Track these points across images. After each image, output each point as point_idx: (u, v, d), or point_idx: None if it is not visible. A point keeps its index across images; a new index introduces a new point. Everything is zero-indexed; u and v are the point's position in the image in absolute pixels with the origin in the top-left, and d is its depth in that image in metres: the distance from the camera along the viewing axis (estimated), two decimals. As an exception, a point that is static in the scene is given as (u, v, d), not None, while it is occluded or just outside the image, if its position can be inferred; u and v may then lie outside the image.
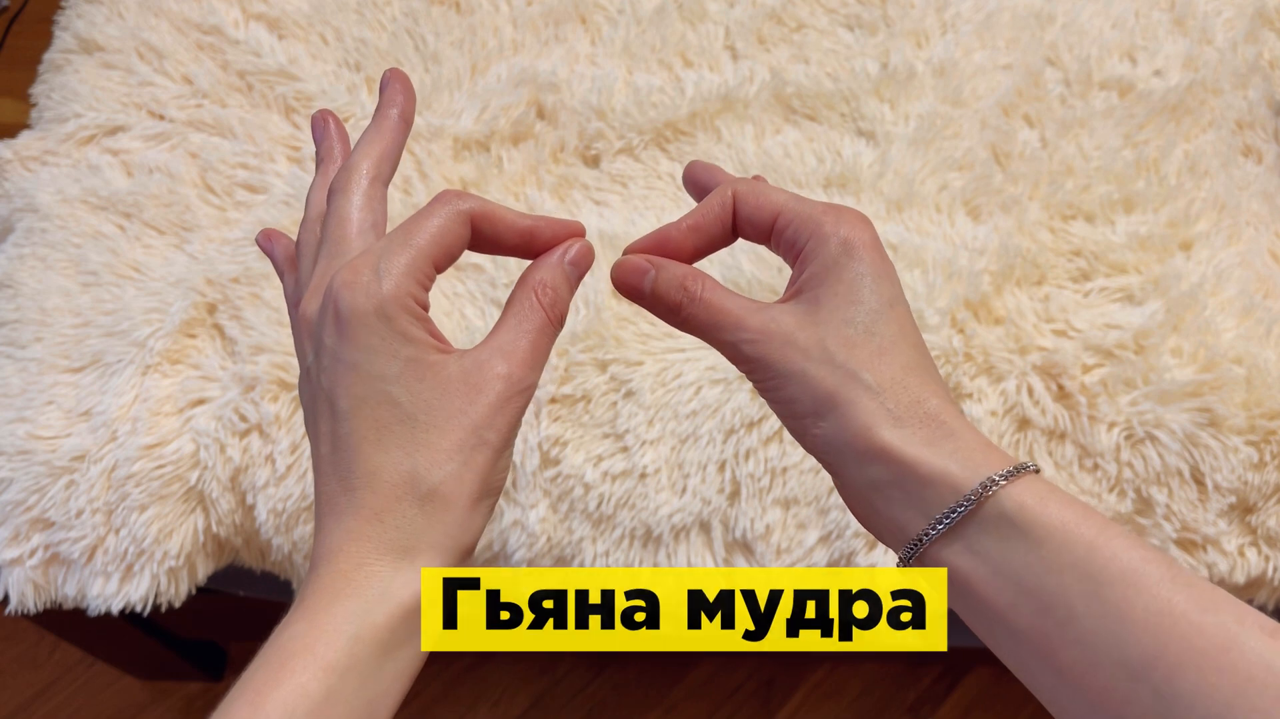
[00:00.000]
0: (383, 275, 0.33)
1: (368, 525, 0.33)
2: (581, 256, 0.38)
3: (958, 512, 0.31)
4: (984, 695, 1.19)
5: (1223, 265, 0.79)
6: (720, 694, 1.21)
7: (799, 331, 0.35)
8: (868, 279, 0.35)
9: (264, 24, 0.95)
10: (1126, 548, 0.29)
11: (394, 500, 0.33)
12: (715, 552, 0.74)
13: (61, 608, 0.76)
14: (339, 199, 0.37)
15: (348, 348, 0.33)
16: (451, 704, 1.20)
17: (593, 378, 0.76)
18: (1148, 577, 0.29)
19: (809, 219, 0.36)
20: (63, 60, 0.95)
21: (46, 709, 1.19)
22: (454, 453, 0.33)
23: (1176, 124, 0.88)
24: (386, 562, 0.32)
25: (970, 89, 0.90)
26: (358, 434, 0.33)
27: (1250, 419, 0.71)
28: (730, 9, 0.97)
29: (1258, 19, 0.95)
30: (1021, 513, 0.31)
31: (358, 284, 0.33)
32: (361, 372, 0.33)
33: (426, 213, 0.35)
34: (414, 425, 0.33)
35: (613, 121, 0.89)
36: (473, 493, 0.34)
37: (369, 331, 0.33)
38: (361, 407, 0.33)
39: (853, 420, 0.33)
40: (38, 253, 0.83)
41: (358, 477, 0.33)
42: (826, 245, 0.35)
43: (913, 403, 0.33)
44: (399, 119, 0.40)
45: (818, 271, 0.35)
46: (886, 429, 0.33)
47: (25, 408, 0.76)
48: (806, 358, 0.34)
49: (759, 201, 0.37)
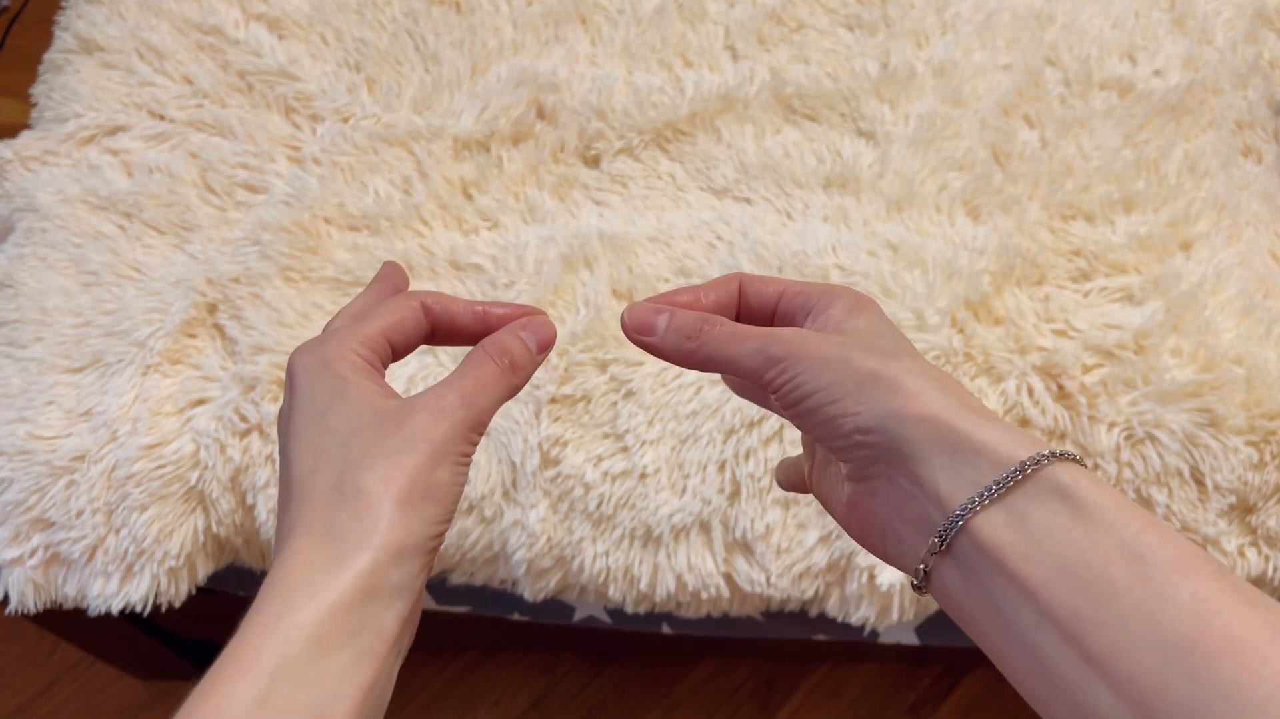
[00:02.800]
0: (326, 338, 0.37)
1: (300, 538, 0.33)
2: (538, 325, 0.39)
3: (1012, 478, 0.31)
4: (984, 696, 1.19)
5: (1222, 265, 0.79)
6: (720, 694, 1.21)
7: (827, 339, 0.36)
8: (882, 327, 0.37)
9: (264, 24, 0.95)
10: (1177, 539, 0.29)
11: (323, 509, 0.33)
12: (715, 552, 0.74)
13: (62, 608, 0.76)
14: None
15: (293, 398, 0.36)
16: (451, 704, 1.20)
17: (593, 378, 0.76)
18: (1196, 566, 0.28)
19: (817, 287, 0.38)
20: (63, 60, 0.95)
21: (47, 709, 1.19)
22: (381, 457, 0.34)
23: (1176, 124, 0.88)
24: (316, 564, 0.32)
25: (970, 89, 0.90)
26: (299, 462, 0.35)
27: (1250, 419, 0.71)
28: (730, 9, 0.97)
29: (1258, 19, 0.95)
30: (1075, 487, 0.30)
31: (304, 348, 0.37)
32: (301, 411, 0.35)
33: (373, 291, 0.40)
34: (348, 444, 0.34)
35: (613, 122, 0.89)
36: (401, 490, 0.33)
37: (310, 377, 0.36)
38: (301, 436, 0.35)
39: (900, 391, 0.33)
40: (38, 253, 0.83)
41: (294, 497, 0.34)
42: (838, 301, 0.37)
43: (953, 389, 0.34)
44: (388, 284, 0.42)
45: (832, 317, 0.37)
46: (936, 398, 0.33)
47: (26, 408, 0.76)
48: (843, 347, 0.35)
49: (763, 285, 0.39)
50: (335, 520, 0.33)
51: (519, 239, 0.83)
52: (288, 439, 0.36)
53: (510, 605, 0.85)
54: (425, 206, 0.85)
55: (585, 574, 0.75)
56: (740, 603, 0.77)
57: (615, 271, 0.81)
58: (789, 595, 0.75)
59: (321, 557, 0.32)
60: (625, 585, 0.75)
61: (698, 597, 0.76)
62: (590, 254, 0.81)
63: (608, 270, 0.80)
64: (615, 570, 0.74)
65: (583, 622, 0.87)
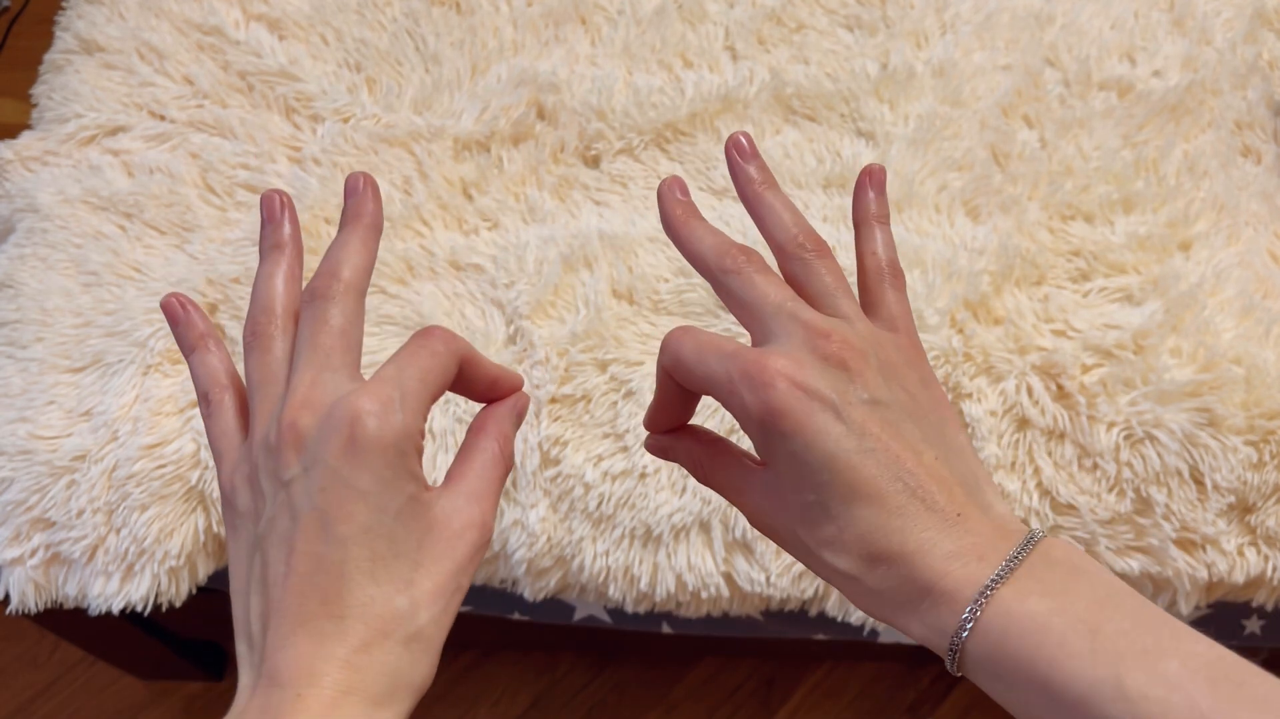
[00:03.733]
0: (400, 408, 0.33)
1: (356, 655, 0.32)
2: (525, 409, 0.41)
3: (951, 669, 0.33)
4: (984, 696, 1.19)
5: (1222, 265, 0.79)
6: (720, 694, 1.21)
7: (777, 521, 0.36)
8: (800, 452, 0.33)
9: (264, 24, 0.96)
10: (1073, 674, 0.30)
11: (382, 636, 0.33)
12: (715, 551, 0.74)
13: (62, 608, 0.77)
14: (325, 305, 0.36)
15: (361, 475, 0.33)
16: (451, 704, 1.20)
17: (593, 378, 0.76)
18: (1096, 703, 0.29)
19: (725, 402, 0.35)
20: (63, 61, 0.95)
21: (47, 709, 1.20)
22: (438, 596, 0.34)
23: (1176, 124, 0.88)
24: (370, 696, 0.32)
25: (970, 89, 0.90)
26: (351, 562, 0.33)
27: (1249, 419, 0.71)
28: (730, 9, 0.97)
29: (1257, 19, 0.95)
30: (985, 662, 0.32)
31: (381, 414, 0.33)
32: (370, 502, 0.33)
33: (429, 348, 0.36)
34: (407, 563, 0.34)
35: (613, 122, 0.89)
36: (443, 639, 0.35)
37: (384, 464, 0.33)
38: (362, 536, 0.33)
39: (851, 601, 0.35)
40: (38, 253, 0.83)
41: (350, 606, 0.33)
42: (749, 429, 0.35)
43: (886, 574, 0.33)
44: (372, 228, 0.39)
45: (760, 454, 0.36)
46: (876, 608, 0.34)
47: (26, 408, 0.76)
48: (795, 551, 0.36)
49: (686, 383, 0.36)
50: (394, 655, 0.33)
51: (519, 239, 0.83)
52: (341, 523, 0.33)
53: (510, 605, 0.85)
54: (425, 207, 0.85)
55: (585, 574, 0.75)
56: (740, 602, 0.77)
57: (615, 272, 0.81)
58: (789, 595, 0.75)
59: (376, 689, 0.32)
60: (625, 585, 0.75)
61: (698, 596, 0.76)
62: (590, 254, 0.81)
63: (608, 270, 0.80)
64: (615, 570, 0.74)
65: (583, 621, 0.87)
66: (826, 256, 0.38)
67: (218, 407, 0.38)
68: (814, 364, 0.34)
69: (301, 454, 0.34)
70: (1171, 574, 0.73)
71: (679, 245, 0.39)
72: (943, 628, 0.32)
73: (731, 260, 0.37)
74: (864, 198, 0.40)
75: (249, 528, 0.35)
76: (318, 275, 0.37)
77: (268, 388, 0.37)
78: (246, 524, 0.35)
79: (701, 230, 0.39)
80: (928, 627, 0.33)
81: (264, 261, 0.39)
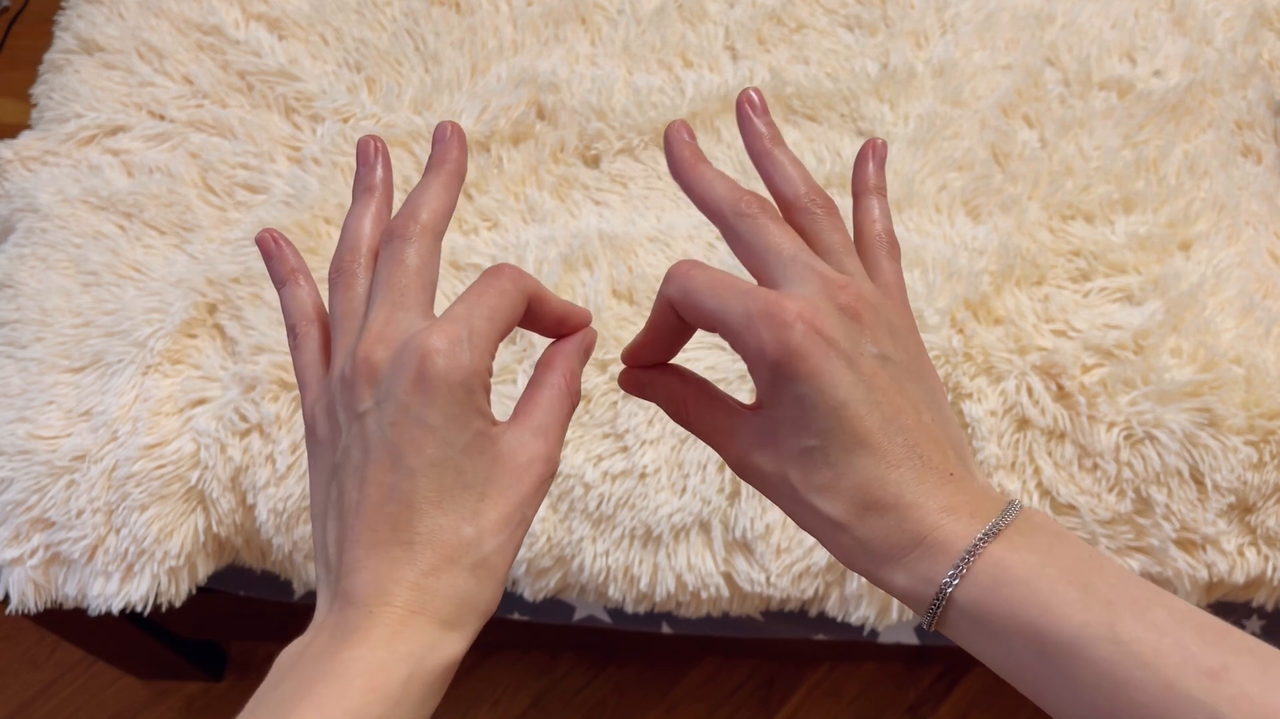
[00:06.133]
0: (469, 346, 0.35)
1: (425, 579, 0.34)
2: (593, 344, 0.41)
3: (930, 623, 0.33)
4: (984, 696, 1.20)
5: (1222, 265, 0.79)
6: (720, 694, 1.21)
7: (767, 464, 0.36)
8: (810, 397, 0.33)
9: (264, 24, 0.95)
10: (1068, 617, 0.31)
11: (449, 562, 0.34)
12: (715, 552, 0.74)
13: (62, 608, 0.77)
14: (403, 246, 0.37)
15: (429, 411, 0.34)
16: (451, 704, 1.20)
17: (593, 378, 0.76)
18: (1086, 644, 0.30)
19: (736, 339, 0.35)
20: (63, 60, 0.95)
21: (47, 709, 1.19)
22: (503, 526, 0.35)
23: (1176, 124, 0.88)
24: (439, 618, 0.34)
25: (970, 89, 0.90)
26: (421, 493, 0.34)
27: (1250, 419, 0.71)
28: (730, 9, 0.97)
29: (1257, 19, 0.95)
30: (974, 610, 0.32)
31: (447, 351, 0.34)
32: (437, 435, 0.34)
33: (497, 286, 0.36)
34: (473, 494, 0.35)
35: (613, 122, 0.89)
36: (509, 567, 0.36)
37: (452, 400, 0.34)
38: (430, 468, 0.34)
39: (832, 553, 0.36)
40: (38, 253, 0.83)
41: (419, 533, 0.34)
42: (758, 371, 0.34)
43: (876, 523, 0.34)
44: (455, 174, 0.40)
45: (763, 394, 0.35)
46: (860, 560, 0.35)
47: (26, 408, 0.76)
48: (780, 495, 0.36)
49: (692, 315, 0.36)
50: (460, 580, 0.34)
51: (519, 239, 0.83)
52: (411, 455, 0.34)
53: (510, 605, 0.85)
54: (425, 206, 0.85)
55: (585, 574, 0.75)
56: (740, 603, 0.77)
57: (615, 272, 0.81)
58: (789, 595, 0.75)
59: (444, 610, 0.34)
60: (625, 585, 0.75)
61: (698, 596, 0.76)
62: (590, 254, 0.81)
63: (608, 270, 0.80)
64: (615, 570, 0.74)
65: (583, 621, 0.87)
66: (835, 215, 0.38)
67: (304, 339, 0.40)
68: (831, 312, 0.34)
69: (374, 388, 0.35)
70: (1172, 574, 0.73)
71: (688, 188, 0.39)
72: (930, 577, 0.33)
73: (747, 205, 0.37)
74: (864, 169, 0.41)
75: (327, 456, 0.37)
76: (398, 216, 0.38)
77: (348, 322, 0.38)
78: (325, 453, 0.37)
79: (711, 174, 0.38)
80: (915, 576, 0.33)
81: (355, 203, 0.41)
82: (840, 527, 0.34)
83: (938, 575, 0.33)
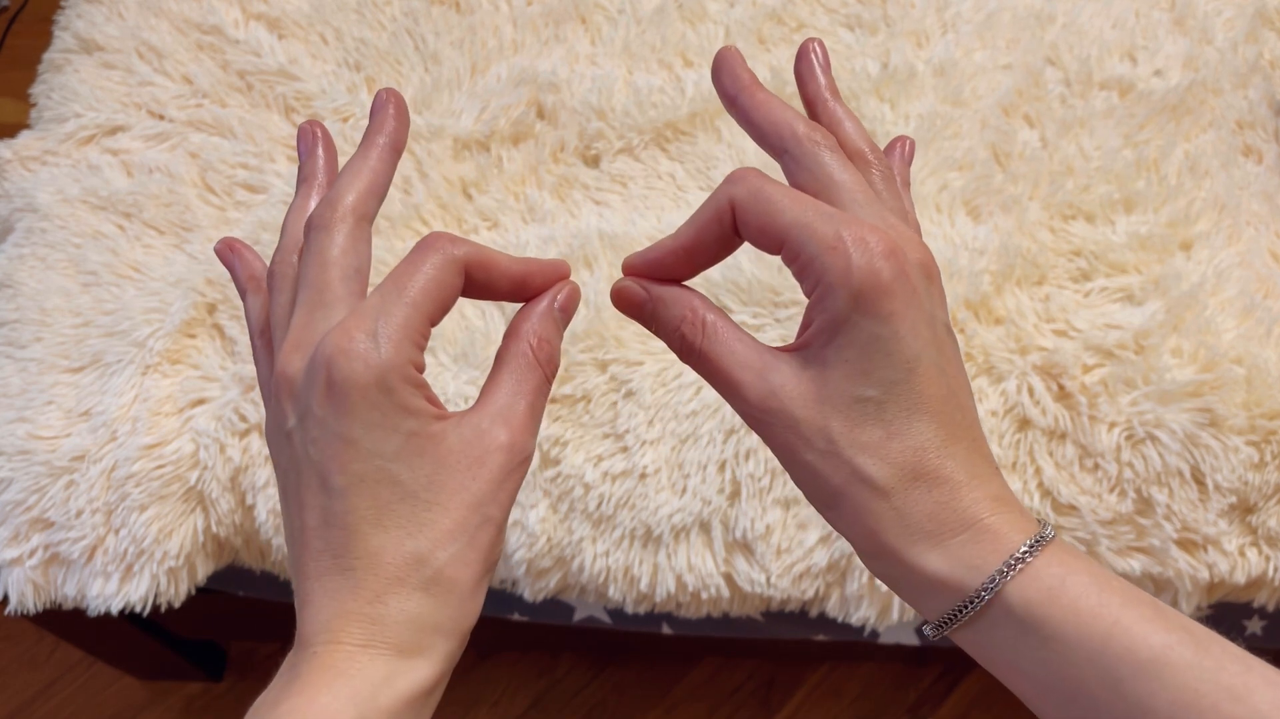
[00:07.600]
0: (380, 341, 0.31)
1: (369, 607, 0.31)
2: (570, 300, 0.36)
3: (959, 618, 0.31)
4: (984, 695, 1.19)
5: (1223, 265, 0.79)
6: (720, 694, 1.21)
7: (802, 410, 0.31)
8: (885, 341, 0.30)
9: (264, 24, 0.95)
10: (1146, 634, 0.28)
11: (396, 583, 0.31)
12: (715, 552, 0.74)
13: (61, 608, 0.76)
14: (319, 237, 0.33)
15: (343, 422, 0.31)
16: (451, 704, 1.20)
17: (593, 378, 0.76)
18: (1171, 666, 0.28)
19: (816, 257, 0.30)
20: (63, 60, 0.95)
21: (46, 709, 1.19)
22: (457, 533, 0.32)
23: (1176, 124, 0.88)
24: (394, 646, 0.31)
25: (970, 89, 0.90)
26: (355, 513, 0.31)
27: (1250, 419, 0.71)
28: (730, 9, 0.97)
29: (1258, 19, 0.95)
30: (1028, 610, 0.30)
31: (353, 351, 0.30)
32: (359, 448, 0.31)
33: (417, 261, 0.32)
34: (415, 504, 0.31)
35: (613, 121, 0.89)
36: (475, 574, 0.32)
37: (368, 405, 0.31)
38: (359, 485, 0.31)
39: (857, 523, 0.32)
40: (38, 253, 0.83)
41: (356, 557, 0.31)
42: (835, 296, 0.30)
43: (922, 496, 0.31)
44: (388, 148, 0.36)
45: (826, 327, 0.31)
46: (892, 533, 0.31)
47: (25, 408, 0.76)
48: (809, 447, 0.32)
49: (762, 222, 0.32)
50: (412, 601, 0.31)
51: (519, 239, 0.83)
52: (336, 475, 0.31)
53: (510, 605, 0.85)
54: (425, 206, 0.85)
55: (585, 574, 0.75)
56: (740, 603, 0.77)
57: (615, 272, 0.81)
58: (789, 595, 0.75)
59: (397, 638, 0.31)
60: (625, 585, 0.75)
61: (698, 597, 0.76)
62: (590, 254, 0.81)
63: (608, 270, 0.80)
64: (615, 570, 0.74)
65: (583, 622, 0.87)
66: (893, 180, 0.35)
67: (259, 352, 0.36)
68: (915, 264, 0.31)
69: (294, 403, 0.32)
70: (1172, 574, 0.73)
71: (747, 113, 0.35)
72: (977, 565, 0.30)
73: (821, 134, 0.33)
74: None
75: (280, 479, 0.34)
76: (319, 204, 0.35)
77: (279, 331, 0.34)
78: (278, 476, 0.34)
79: (774, 100, 0.35)
80: (958, 562, 0.30)
81: (294, 197, 0.37)
82: (881, 492, 0.31)
83: (988, 564, 0.30)
